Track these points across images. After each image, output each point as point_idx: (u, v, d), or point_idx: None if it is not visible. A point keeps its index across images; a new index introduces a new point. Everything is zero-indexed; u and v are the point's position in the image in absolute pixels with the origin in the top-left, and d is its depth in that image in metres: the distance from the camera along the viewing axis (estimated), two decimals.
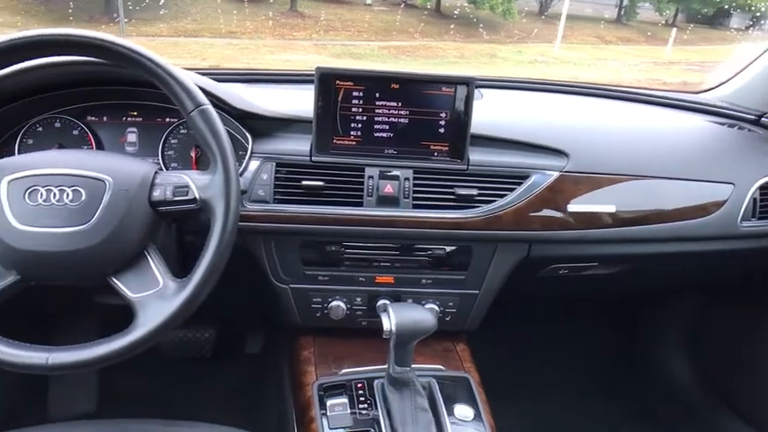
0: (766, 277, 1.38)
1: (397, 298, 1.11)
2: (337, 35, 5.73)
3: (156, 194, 0.86)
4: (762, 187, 1.20)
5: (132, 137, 1.13)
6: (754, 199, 1.19)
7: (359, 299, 1.11)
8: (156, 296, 0.84)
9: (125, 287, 0.85)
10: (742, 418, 1.45)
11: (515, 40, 6.28)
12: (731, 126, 1.39)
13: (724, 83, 1.53)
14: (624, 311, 1.70)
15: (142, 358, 0.83)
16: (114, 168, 0.85)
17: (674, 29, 6.69)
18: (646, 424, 1.07)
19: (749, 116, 1.41)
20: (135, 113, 1.13)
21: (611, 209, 1.11)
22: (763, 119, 1.39)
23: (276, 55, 4.94)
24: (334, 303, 1.11)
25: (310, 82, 1.16)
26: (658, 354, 1.66)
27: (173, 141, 1.13)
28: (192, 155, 1.13)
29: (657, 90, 1.59)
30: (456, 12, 6.32)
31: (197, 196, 0.86)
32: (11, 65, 0.85)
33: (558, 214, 1.10)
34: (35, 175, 0.82)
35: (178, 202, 0.86)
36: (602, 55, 6.26)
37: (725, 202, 1.18)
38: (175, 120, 1.13)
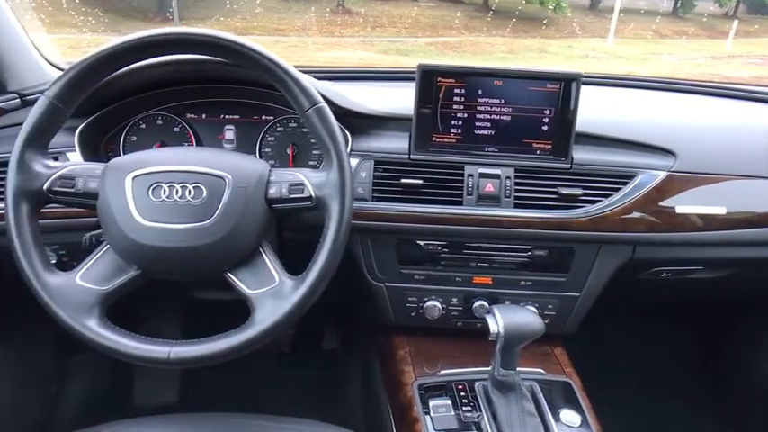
0: None
1: (494, 299, 1.09)
2: (384, 32, 5.73)
3: (272, 192, 0.86)
4: None
5: (230, 134, 1.14)
6: None
7: (455, 299, 1.10)
8: (272, 293, 0.84)
9: (242, 283, 0.85)
10: None
11: (566, 34, 6.14)
12: None
13: None
14: (723, 316, 1.63)
15: None
16: (233, 166, 0.86)
17: (736, 21, 6.39)
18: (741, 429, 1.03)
19: None
20: (232, 111, 1.15)
21: (722, 211, 1.06)
22: None
23: (324, 52, 4.96)
24: (429, 303, 1.09)
25: (405, 79, 1.14)
26: (759, 362, 1.59)
27: (270, 139, 1.14)
28: (289, 152, 1.13)
29: (750, 85, 1.51)
30: (505, 7, 6.22)
31: (312, 194, 0.86)
32: (141, 60, 0.86)
33: (666, 216, 1.05)
34: (158, 172, 0.83)
35: (294, 199, 0.86)
36: (657, 49, 6.05)
37: None
38: (272, 118, 1.14)
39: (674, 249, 1.09)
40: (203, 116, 1.15)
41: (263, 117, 1.15)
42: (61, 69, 1.31)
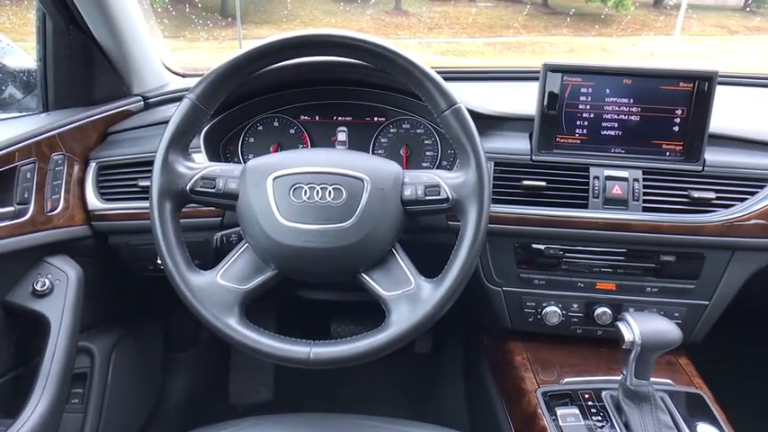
0: None
1: (617, 306, 1.05)
2: (441, 33, 5.70)
3: (408, 193, 0.85)
4: None
5: (342, 136, 1.14)
6: None
7: (575, 305, 1.06)
8: (408, 295, 0.83)
9: (377, 284, 0.85)
10: None
11: (628, 32, 5.95)
12: None
13: None
14: None
15: None
16: (370, 167, 0.85)
17: None
18: None
19: None
20: (345, 113, 1.15)
21: None
22: None
23: None
24: (549, 309, 1.06)
25: (523, 79, 1.12)
26: None
27: (383, 140, 1.14)
28: (402, 154, 1.13)
29: None
30: (564, 5, 6.08)
31: (449, 196, 0.84)
32: (279, 62, 0.87)
33: None
34: (299, 173, 0.84)
35: (430, 201, 0.85)
36: (727, 47, 5.79)
37: None
38: (384, 119, 1.14)
39: None
40: (317, 118, 1.16)
41: (376, 118, 1.15)
42: (174, 72, 1.35)
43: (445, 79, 1.20)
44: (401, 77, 0.85)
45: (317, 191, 0.83)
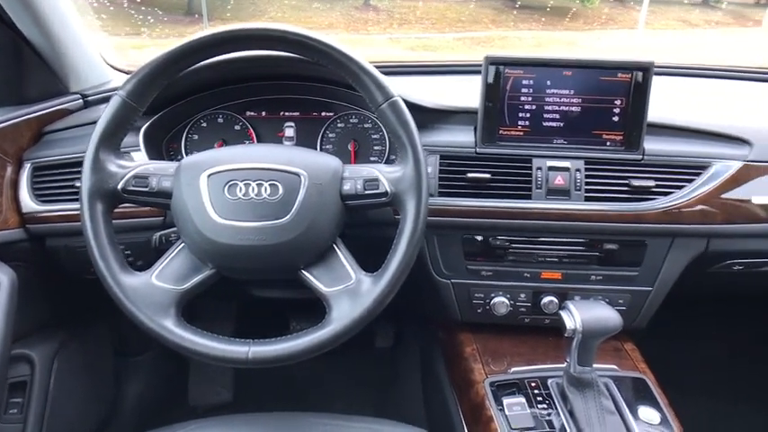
0: None
1: (563, 295, 1.07)
2: (411, 28, 5.69)
3: (347, 188, 0.85)
4: None
5: (290, 131, 1.13)
6: None
7: (523, 295, 1.07)
8: (349, 290, 0.83)
9: (317, 281, 0.85)
10: None
11: (594, 26, 6.04)
12: None
13: None
14: None
15: None
16: (307, 162, 0.85)
17: None
18: None
19: None
20: (292, 108, 1.14)
21: None
22: None
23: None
24: (497, 299, 1.07)
25: (467, 72, 1.12)
26: None
27: (330, 135, 1.13)
28: (350, 149, 1.12)
29: None
30: (531, 1, 6.13)
31: (388, 189, 0.84)
32: (213, 56, 0.86)
33: (742, 206, 1.02)
34: (234, 170, 0.83)
35: (369, 195, 0.85)
36: (688, 40, 5.92)
37: None
38: (332, 114, 1.13)
39: (749, 241, 1.05)
40: (263, 114, 1.14)
41: (323, 113, 1.14)
42: (119, 70, 1.32)
43: (393, 73, 1.20)
44: (338, 71, 0.85)
45: (253, 187, 0.82)
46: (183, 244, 0.85)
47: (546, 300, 1.07)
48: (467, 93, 1.10)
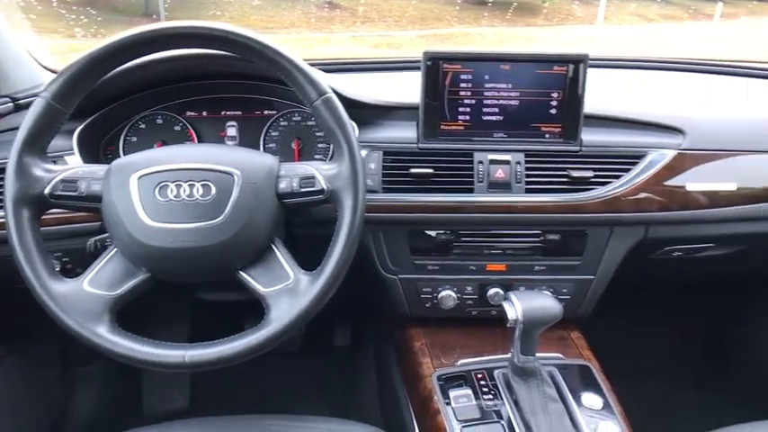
0: None
1: (508, 286, 1.08)
2: (374, 26, 5.70)
3: (283, 186, 0.84)
4: None
5: (232, 131, 1.12)
6: None
7: (469, 288, 1.08)
8: (287, 290, 0.82)
9: (255, 281, 0.84)
10: None
11: (554, 22, 6.15)
12: None
13: None
14: (732, 294, 1.63)
15: None
16: (240, 161, 0.84)
17: (720, 3, 6.42)
18: (752, 409, 1.03)
19: None
20: (234, 107, 1.13)
21: (732, 186, 1.06)
22: None
23: (315, 49, 4.91)
24: (444, 293, 1.08)
25: (410, 68, 1.12)
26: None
27: (274, 134, 1.12)
28: (294, 147, 1.12)
29: (750, 62, 1.51)
30: None
31: (324, 187, 0.84)
32: (142, 56, 0.84)
33: (677, 194, 1.05)
34: (164, 171, 0.81)
35: (305, 193, 0.84)
36: (645, 34, 6.08)
37: None
38: (275, 112, 1.12)
39: (685, 227, 1.08)
40: (204, 113, 1.13)
41: (266, 112, 1.13)
42: (55, 72, 1.28)
43: (338, 71, 1.20)
44: (270, 69, 0.84)
45: (185, 188, 0.80)
46: (115, 249, 0.83)
47: (492, 291, 1.08)
48: (412, 88, 1.10)
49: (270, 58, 0.82)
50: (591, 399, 0.95)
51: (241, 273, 0.84)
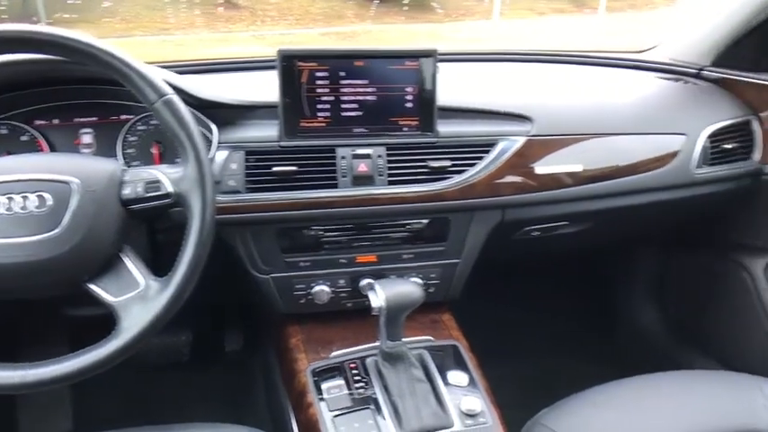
0: (722, 222, 1.47)
1: (379, 276, 1.11)
2: (276, 25, 5.58)
3: (127, 192, 0.82)
4: (710, 135, 1.27)
5: (87, 138, 1.07)
6: (705, 147, 1.26)
7: (342, 281, 1.11)
8: (138, 297, 0.81)
9: (104, 292, 0.81)
10: (711, 356, 1.56)
11: (454, 18, 6.32)
12: (676, 81, 1.46)
13: (663, 42, 1.60)
14: (596, 267, 1.77)
15: (116, 370, 0.79)
16: (79, 169, 0.81)
17: None
18: (624, 369, 1.14)
19: (690, 70, 1.48)
20: (88, 113, 1.08)
21: (578, 168, 1.15)
22: (702, 72, 1.46)
23: (213, 49, 4.76)
24: (317, 288, 1.10)
25: (272, 67, 1.13)
26: (630, 304, 1.74)
27: (131, 139, 1.09)
28: (154, 151, 1.09)
29: (604, 52, 1.65)
30: None
31: (170, 190, 0.83)
32: None
33: (528, 178, 1.13)
34: None
35: (151, 198, 0.83)
36: (537, 27, 6.41)
37: (678, 152, 1.24)
38: (132, 116, 1.09)
39: (539, 208, 1.16)
40: (56, 121, 1.07)
41: (123, 116, 1.09)
42: None
43: (201, 71, 1.17)
44: (106, 72, 0.81)
45: (17, 200, 0.77)
46: None
47: (363, 283, 1.11)
48: (275, 87, 1.11)
49: (103, 61, 0.80)
50: (457, 376, 1.00)
51: (89, 284, 0.81)
